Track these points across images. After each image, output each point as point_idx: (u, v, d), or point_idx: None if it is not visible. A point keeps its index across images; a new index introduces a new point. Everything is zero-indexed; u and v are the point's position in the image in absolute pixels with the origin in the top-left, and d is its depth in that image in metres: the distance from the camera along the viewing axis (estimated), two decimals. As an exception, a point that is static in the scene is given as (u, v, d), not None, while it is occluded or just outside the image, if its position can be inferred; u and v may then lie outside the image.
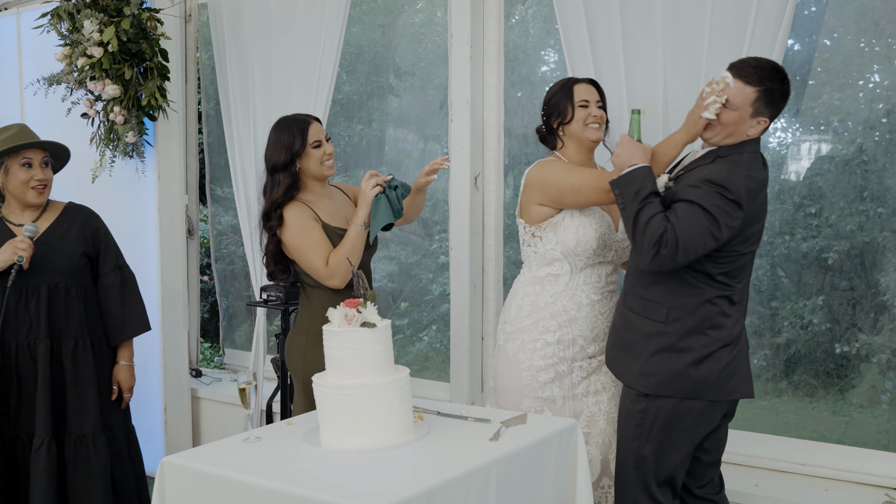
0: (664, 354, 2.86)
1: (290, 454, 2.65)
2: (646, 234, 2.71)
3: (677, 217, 2.71)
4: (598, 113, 3.21)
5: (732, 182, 2.70)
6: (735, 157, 2.79)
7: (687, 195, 2.73)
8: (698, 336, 2.83)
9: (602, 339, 3.22)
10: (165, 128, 4.92)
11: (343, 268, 3.29)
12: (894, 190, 3.59)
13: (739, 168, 2.75)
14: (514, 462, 2.61)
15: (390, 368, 2.73)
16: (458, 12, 4.19)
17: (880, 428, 3.68)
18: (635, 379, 2.91)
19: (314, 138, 3.38)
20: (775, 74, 2.77)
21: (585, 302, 3.19)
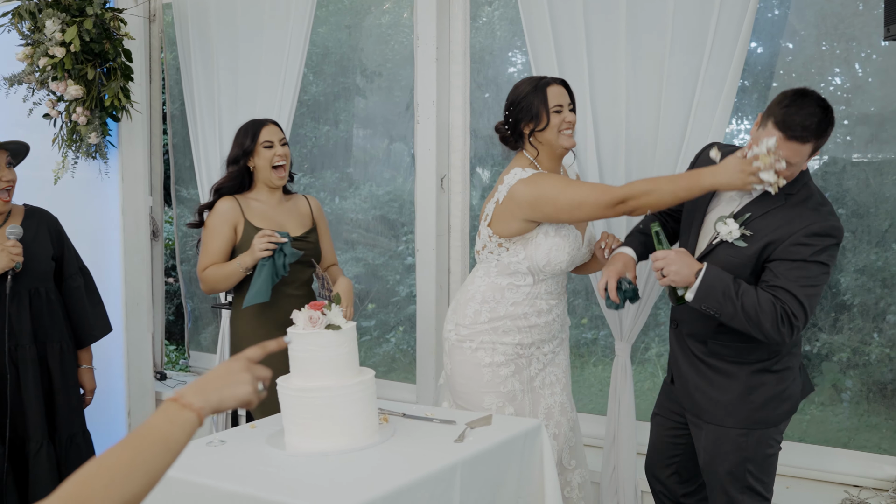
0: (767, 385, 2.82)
1: (255, 457, 2.64)
2: (762, 320, 2.63)
3: (789, 281, 2.63)
4: (571, 118, 3.11)
5: (836, 228, 2.67)
6: (806, 192, 2.73)
7: (795, 255, 2.64)
8: (791, 355, 2.85)
9: (556, 337, 3.24)
10: (129, 129, 4.88)
11: (209, 284, 3.48)
12: (854, 191, 3.64)
13: (824, 207, 2.72)
14: (479, 463, 2.62)
15: (355, 370, 2.73)
16: (423, 14, 4.20)
17: (841, 426, 3.73)
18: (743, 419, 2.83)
19: (265, 138, 3.48)
20: (824, 122, 2.62)
21: (545, 308, 3.19)
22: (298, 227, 3.58)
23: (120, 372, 4.98)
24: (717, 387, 2.85)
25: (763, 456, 2.84)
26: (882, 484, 3.44)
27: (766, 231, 2.70)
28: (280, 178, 3.52)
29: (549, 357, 3.26)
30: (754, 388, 2.80)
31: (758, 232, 2.70)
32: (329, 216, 5.14)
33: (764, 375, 2.80)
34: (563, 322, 3.31)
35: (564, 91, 3.13)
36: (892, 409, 3.60)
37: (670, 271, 2.71)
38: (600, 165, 3.64)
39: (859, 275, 3.64)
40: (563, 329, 3.31)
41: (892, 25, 2.65)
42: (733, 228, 2.73)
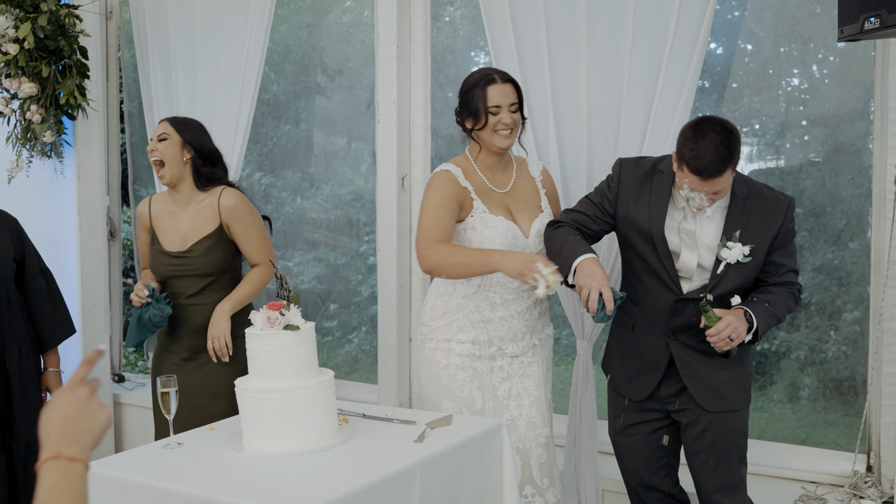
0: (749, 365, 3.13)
1: (213, 460, 2.61)
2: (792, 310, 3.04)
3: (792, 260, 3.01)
4: (508, 120, 3.09)
5: (788, 197, 2.98)
6: (747, 184, 2.97)
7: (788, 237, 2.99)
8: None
9: (521, 339, 3.18)
10: (85, 127, 4.81)
11: None
12: (811, 191, 3.68)
13: (760, 184, 2.99)
14: (439, 463, 2.61)
15: (314, 371, 2.71)
16: (384, 12, 4.18)
17: (799, 423, 3.77)
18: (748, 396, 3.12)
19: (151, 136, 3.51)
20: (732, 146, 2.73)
21: (498, 301, 3.15)
22: (195, 231, 3.43)
23: (77, 374, 4.90)
24: (729, 373, 3.03)
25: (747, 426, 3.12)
26: (838, 480, 3.48)
27: (759, 232, 2.91)
28: (160, 177, 3.45)
29: (518, 367, 3.19)
30: (747, 365, 3.08)
31: (753, 239, 2.91)
32: (290, 216, 5.10)
33: (747, 357, 3.09)
34: (532, 325, 3.22)
35: (509, 90, 3.11)
36: (848, 406, 3.65)
37: (737, 334, 2.85)
38: (562, 164, 3.65)
39: (816, 273, 3.68)
40: (531, 332, 3.22)
41: (846, 27, 2.68)
42: (738, 249, 2.90)
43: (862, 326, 3.57)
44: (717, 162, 2.70)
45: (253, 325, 2.71)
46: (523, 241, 3.13)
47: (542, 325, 3.28)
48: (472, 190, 3.12)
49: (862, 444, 3.44)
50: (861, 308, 3.58)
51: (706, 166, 2.70)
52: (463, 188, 3.12)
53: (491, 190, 3.16)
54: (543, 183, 3.27)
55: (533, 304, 3.21)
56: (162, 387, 2.77)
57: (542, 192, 3.24)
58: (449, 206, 3.07)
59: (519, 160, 3.32)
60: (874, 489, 3.36)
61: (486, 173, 3.19)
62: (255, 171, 5.17)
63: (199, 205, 3.47)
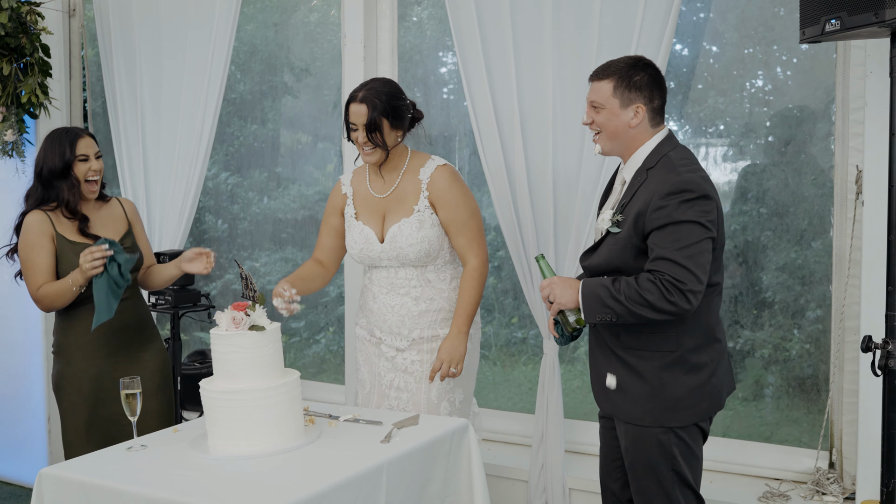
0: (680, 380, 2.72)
1: (177, 462, 2.59)
2: (650, 300, 2.58)
3: (663, 248, 2.60)
4: (364, 139, 3.18)
5: (688, 182, 2.63)
6: (665, 161, 2.72)
7: (659, 222, 2.63)
8: (707, 350, 2.75)
9: (395, 332, 3.26)
10: (48, 126, 4.73)
11: (46, 303, 3.35)
12: (774, 191, 3.72)
13: (680, 168, 2.69)
14: (405, 463, 2.61)
15: (279, 372, 2.70)
16: (350, 12, 4.17)
17: (763, 420, 3.81)
18: (661, 416, 2.74)
19: (81, 151, 3.38)
20: (628, 66, 2.75)
21: (378, 294, 3.30)
22: (112, 233, 3.47)
23: (39, 377, 4.85)
24: (631, 383, 2.77)
25: (686, 452, 2.76)
26: (801, 476, 3.52)
27: (634, 207, 2.71)
28: (92, 193, 3.43)
29: (401, 362, 3.27)
30: (668, 384, 2.72)
31: (629, 213, 2.72)
32: (257, 216, 5.07)
33: (676, 370, 2.72)
34: (411, 322, 3.26)
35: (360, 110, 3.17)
36: (811, 404, 3.69)
37: (556, 295, 2.74)
38: (527, 164, 3.66)
39: (780, 272, 3.72)
40: (409, 328, 3.26)
41: (808, 28, 2.71)
42: (606, 217, 2.80)
43: (824, 325, 3.61)
44: (607, 66, 2.77)
45: (218, 326, 2.69)
46: (378, 247, 3.24)
47: (429, 324, 3.27)
48: (350, 195, 3.34)
49: (824, 441, 3.49)
50: (824, 307, 3.62)
51: (599, 67, 2.80)
52: (343, 195, 3.36)
53: (369, 195, 3.30)
54: (430, 185, 3.23)
55: (412, 302, 3.25)
56: (125, 388, 2.74)
57: (424, 195, 3.22)
58: (329, 221, 3.40)
59: (418, 162, 3.30)
60: (836, 485, 3.40)
61: (372, 177, 3.33)
62: (222, 170, 5.14)
63: (103, 211, 3.53)
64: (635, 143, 2.77)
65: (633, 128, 2.75)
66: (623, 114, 2.73)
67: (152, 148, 4.64)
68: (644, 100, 2.73)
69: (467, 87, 3.77)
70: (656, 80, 2.77)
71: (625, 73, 2.73)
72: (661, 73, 2.80)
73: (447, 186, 3.23)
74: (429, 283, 3.26)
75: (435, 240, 3.22)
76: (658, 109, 2.78)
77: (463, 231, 3.22)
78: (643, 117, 2.74)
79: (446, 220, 3.22)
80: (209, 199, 5.17)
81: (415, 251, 3.19)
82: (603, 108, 2.75)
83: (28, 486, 4.79)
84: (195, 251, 3.40)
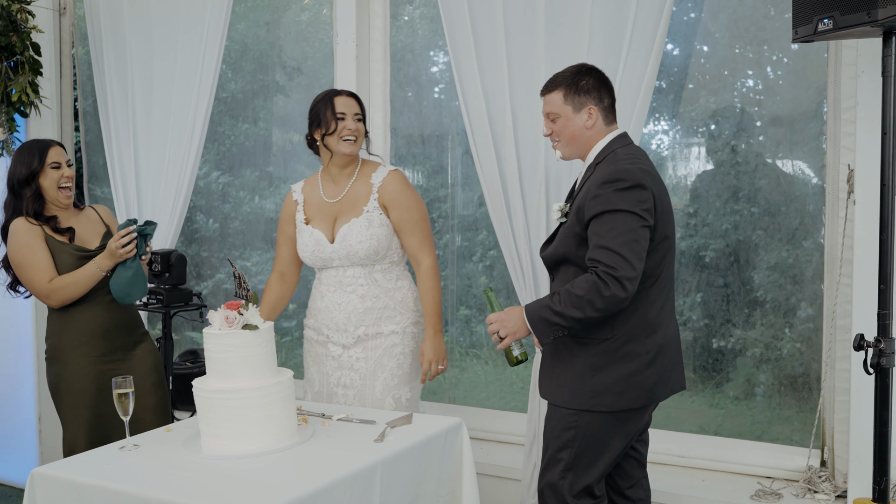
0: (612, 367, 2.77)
1: (170, 461, 2.58)
2: (588, 294, 2.63)
3: (600, 237, 2.66)
4: (353, 126, 3.33)
5: (623, 171, 2.71)
6: (611, 156, 2.82)
7: (595, 210, 2.70)
8: (642, 341, 2.78)
9: (342, 329, 3.36)
10: (38, 125, 4.73)
11: (62, 295, 3.38)
12: (766, 190, 3.73)
13: (621, 161, 2.77)
14: (399, 462, 2.61)
15: (273, 371, 2.69)
16: (343, 11, 4.16)
17: (755, 419, 3.82)
18: (586, 400, 2.80)
19: (52, 159, 3.45)
20: (573, 73, 2.89)
21: (325, 293, 3.41)
22: (95, 236, 3.55)
23: (30, 377, 4.83)
24: (561, 366, 2.85)
25: (593, 440, 2.81)
26: (793, 475, 3.53)
27: (578, 199, 2.81)
28: (67, 198, 3.49)
29: (347, 360, 3.38)
30: (596, 370, 2.77)
31: (574, 205, 2.83)
32: (249, 215, 5.06)
33: (605, 357, 2.77)
34: (357, 319, 3.36)
35: (352, 102, 3.38)
36: (803, 402, 3.70)
37: (507, 328, 2.78)
38: (520, 163, 3.66)
39: (771, 271, 3.73)
40: (356, 326, 3.36)
41: (800, 28, 2.73)
42: (554, 209, 2.92)
43: (816, 324, 3.62)
44: (554, 79, 2.90)
45: (211, 325, 2.68)
46: (329, 247, 3.36)
47: (374, 321, 3.37)
48: (301, 202, 3.47)
49: (816, 440, 3.50)
50: (815, 306, 3.64)
51: (548, 80, 2.94)
52: (294, 202, 3.49)
53: (322, 200, 3.43)
54: (381, 189, 3.36)
55: (359, 300, 3.36)
56: (118, 388, 2.73)
57: (374, 197, 3.36)
58: (284, 230, 3.52)
59: (369, 168, 3.44)
60: (828, 483, 3.41)
61: (325, 184, 3.45)
62: (213, 170, 5.12)
63: (81, 217, 3.59)
64: (591, 142, 2.89)
65: (590, 129, 2.88)
66: (577, 118, 2.87)
67: (143, 147, 4.63)
68: (594, 101, 2.87)
69: (460, 87, 3.77)
70: (602, 81, 2.90)
71: (571, 81, 2.88)
72: (604, 75, 2.93)
73: (399, 189, 3.38)
74: (375, 283, 3.38)
75: (383, 238, 3.34)
76: (609, 108, 2.91)
77: (415, 231, 3.37)
78: (597, 117, 2.88)
79: (398, 221, 3.36)
80: (200, 199, 5.15)
81: (364, 248, 3.31)
82: (558, 116, 2.88)
83: (18, 487, 4.77)
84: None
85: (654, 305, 2.81)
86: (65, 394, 3.41)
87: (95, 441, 3.34)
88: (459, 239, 4.44)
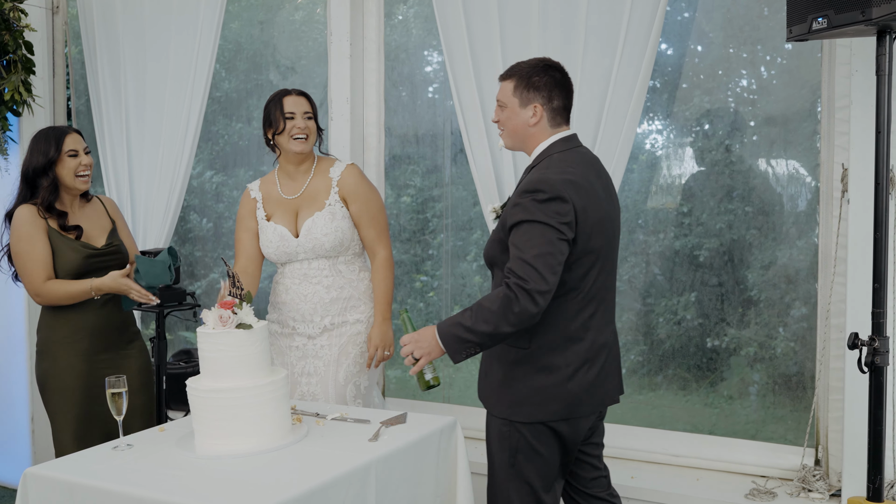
0: (531, 378, 2.74)
1: (163, 461, 2.57)
2: (501, 306, 2.58)
3: (516, 247, 2.61)
4: (302, 124, 3.42)
5: (544, 181, 2.64)
6: (545, 161, 2.77)
7: (514, 219, 2.65)
8: (561, 353, 2.73)
9: (308, 320, 3.45)
10: (31, 123, 4.71)
11: (49, 298, 3.40)
12: (759, 190, 3.74)
13: (549, 169, 2.71)
14: (394, 461, 2.60)
15: (267, 370, 2.68)
16: (337, 10, 4.16)
17: (748, 418, 3.83)
18: (506, 409, 2.78)
19: (70, 147, 3.44)
20: (530, 67, 2.83)
21: (289, 286, 3.49)
22: (101, 233, 3.57)
23: (23, 376, 4.81)
24: (489, 371, 2.84)
25: (526, 448, 2.76)
26: (788, 473, 3.54)
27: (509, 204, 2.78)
28: (84, 183, 3.50)
29: (312, 349, 3.48)
30: (517, 379, 2.75)
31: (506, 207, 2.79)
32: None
33: (526, 367, 2.74)
34: (323, 309, 3.46)
35: (302, 100, 3.46)
36: (797, 401, 3.71)
37: (421, 350, 2.69)
38: (515, 166, 3.65)
39: (765, 271, 3.74)
40: (322, 315, 3.46)
41: (795, 27, 2.73)
42: (489, 210, 2.94)
43: (810, 323, 3.63)
44: (506, 69, 2.88)
45: (204, 324, 2.67)
46: (294, 242, 3.44)
47: (339, 311, 3.48)
48: (259, 200, 3.54)
49: (810, 439, 3.50)
50: (809, 305, 3.64)
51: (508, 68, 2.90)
52: (252, 199, 3.55)
53: (280, 197, 3.51)
54: (340, 182, 3.46)
55: (324, 290, 3.45)
56: (111, 387, 2.72)
57: (334, 191, 3.45)
58: (246, 224, 3.55)
59: (326, 164, 3.53)
60: (822, 482, 3.41)
61: (283, 181, 3.53)
62: (207, 169, 5.11)
63: (88, 209, 3.62)
64: (534, 141, 2.83)
65: (532, 126, 2.81)
66: (522, 112, 2.81)
67: (137, 146, 4.62)
68: (542, 100, 2.80)
69: (454, 86, 3.77)
70: (559, 82, 2.82)
71: (525, 74, 2.82)
72: (564, 76, 2.84)
73: (357, 182, 3.48)
74: (339, 274, 3.48)
75: (347, 230, 3.44)
76: (559, 110, 2.82)
77: (373, 224, 3.46)
78: (542, 116, 2.80)
79: (357, 213, 3.45)
80: (194, 198, 5.14)
81: (330, 240, 3.41)
82: (505, 106, 2.84)
83: (11, 487, 4.75)
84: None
85: (577, 318, 2.73)
86: (52, 390, 3.41)
87: (83, 436, 3.34)
88: (453, 239, 4.44)
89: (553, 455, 2.79)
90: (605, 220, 2.75)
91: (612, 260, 2.84)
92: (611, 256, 2.82)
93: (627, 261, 4.01)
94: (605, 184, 2.84)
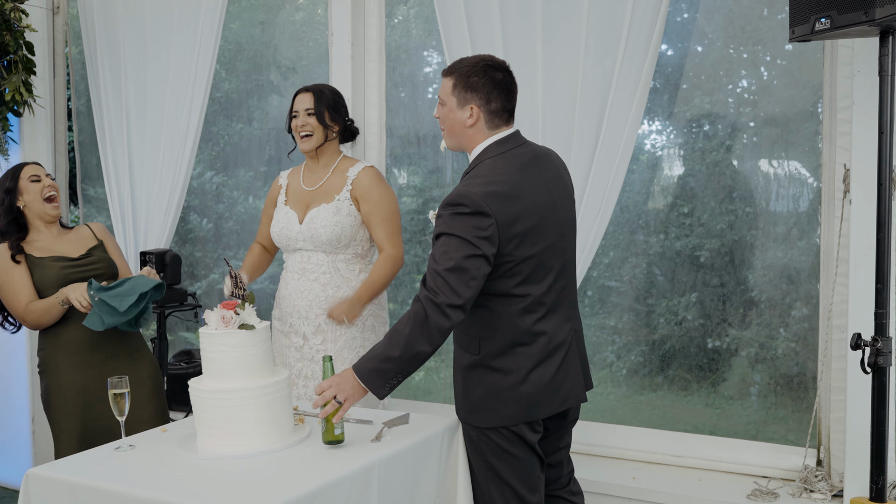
0: (485, 383, 2.71)
1: (165, 462, 2.57)
2: (417, 322, 2.54)
3: (433, 258, 2.58)
4: (303, 122, 3.48)
5: (465, 195, 2.58)
6: (475, 169, 2.71)
7: (436, 230, 2.63)
8: (512, 356, 2.69)
9: (304, 317, 3.44)
10: (32, 124, 4.71)
11: (33, 319, 3.37)
12: (760, 190, 3.74)
13: (476, 179, 2.65)
14: (397, 462, 2.60)
15: (269, 370, 2.68)
16: (338, 10, 4.16)
17: (749, 419, 3.83)
18: (467, 415, 2.78)
19: (29, 174, 3.46)
20: (470, 65, 2.73)
21: (290, 280, 3.51)
22: (79, 248, 3.52)
23: (23, 377, 4.81)
24: (454, 378, 2.84)
25: (497, 450, 2.73)
26: (789, 474, 3.54)
27: None
28: (55, 208, 3.48)
29: (308, 351, 3.47)
30: (471, 384, 2.73)
31: None
32: (243, 216, 5.05)
33: (479, 371, 2.72)
34: (317, 307, 3.44)
35: (306, 97, 3.51)
36: (798, 402, 3.71)
37: (344, 392, 2.59)
38: (516, 164, 3.65)
39: (766, 271, 3.74)
40: (312, 311, 3.44)
41: (797, 27, 2.73)
42: (431, 215, 2.87)
43: (811, 323, 3.63)
44: (450, 64, 2.80)
45: (207, 325, 2.67)
46: (296, 227, 3.49)
47: None
48: (284, 187, 3.63)
49: (812, 439, 3.50)
50: (810, 305, 3.64)
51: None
52: (279, 186, 3.66)
53: (300, 188, 3.58)
54: (355, 182, 3.47)
55: (320, 287, 3.45)
56: (113, 388, 2.72)
57: (347, 189, 3.46)
58: (268, 211, 3.67)
59: (347, 163, 3.55)
60: (824, 483, 3.41)
61: (306, 174, 3.61)
62: (207, 169, 5.11)
63: (70, 235, 3.59)
64: (472, 142, 2.76)
65: (469, 127, 2.74)
66: (459, 112, 2.74)
67: (137, 147, 4.61)
68: (480, 101, 2.71)
69: (455, 86, 3.76)
70: (498, 83, 2.73)
71: (464, 73, 2.72)
72: (505, 76, 2.75)
73: (371, 184, 3.47)
74: (337, 272, 3.46)
75: (348, 227, 3.43)
76: (497, 112, 2.74)
77: (384, 224, 3.44)
78: (478, 118, 2.72)
79: (367, 213, 3.44)
80: (195, 199, 5.14)
81: (327, 233, 3.41)
82: (444, 104, 2.77)
83: (12, 488, 4.74)
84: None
85: (522, 323, 2.67)
86: (56, 406, 3.38)
87: None
88: (454, 239, 4.43)
89: (528, 455, 2.75)
90: (545, 224, 2.69)
91: (564, 259, 2.77)
92: (561, 256, 2.75)
93: (628, 261, 4.01)
94: (550, 180, 2.76)
